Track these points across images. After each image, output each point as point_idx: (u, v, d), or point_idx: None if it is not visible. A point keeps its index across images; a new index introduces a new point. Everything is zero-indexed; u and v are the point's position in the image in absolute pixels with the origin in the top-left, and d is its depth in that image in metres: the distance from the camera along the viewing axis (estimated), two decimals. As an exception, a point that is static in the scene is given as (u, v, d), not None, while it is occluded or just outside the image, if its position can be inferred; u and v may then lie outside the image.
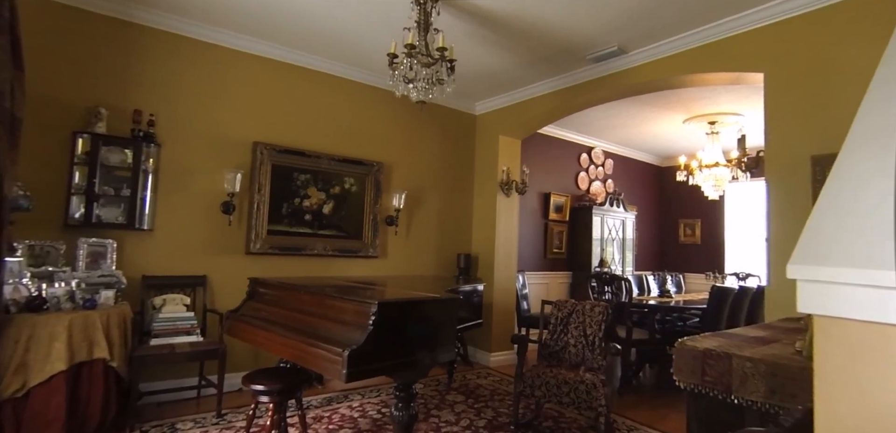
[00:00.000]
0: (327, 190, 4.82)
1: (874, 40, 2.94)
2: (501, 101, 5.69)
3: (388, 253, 5.28)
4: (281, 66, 4.57)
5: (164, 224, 3.92)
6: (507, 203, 5.81)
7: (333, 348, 2.31)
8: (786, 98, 3.32)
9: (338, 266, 4.87)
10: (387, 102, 5.29)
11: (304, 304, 2.86)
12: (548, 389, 3.37)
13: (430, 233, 5.65)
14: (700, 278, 7.75)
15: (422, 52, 3.21)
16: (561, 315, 3.97)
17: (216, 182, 4.16)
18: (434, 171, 5.71)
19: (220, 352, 3.51)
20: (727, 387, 1.50)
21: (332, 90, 4.90)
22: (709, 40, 3.76)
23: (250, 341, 2.98)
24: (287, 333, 2.66)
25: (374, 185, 5.11)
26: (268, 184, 4.44)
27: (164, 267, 3.89)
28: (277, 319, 2.91)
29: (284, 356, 2.72)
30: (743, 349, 1.55)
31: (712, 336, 1.79)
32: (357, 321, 2.45)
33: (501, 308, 5.68)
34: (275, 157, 4.48)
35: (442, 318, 2.73)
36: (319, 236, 4.75)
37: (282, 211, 4.53)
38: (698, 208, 8.32)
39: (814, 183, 3.14)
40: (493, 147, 5.83)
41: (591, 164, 7.71)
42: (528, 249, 6.74)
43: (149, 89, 3.89)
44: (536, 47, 4.28)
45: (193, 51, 4.11)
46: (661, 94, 5.37)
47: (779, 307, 3.21)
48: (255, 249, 4.34)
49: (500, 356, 5.61)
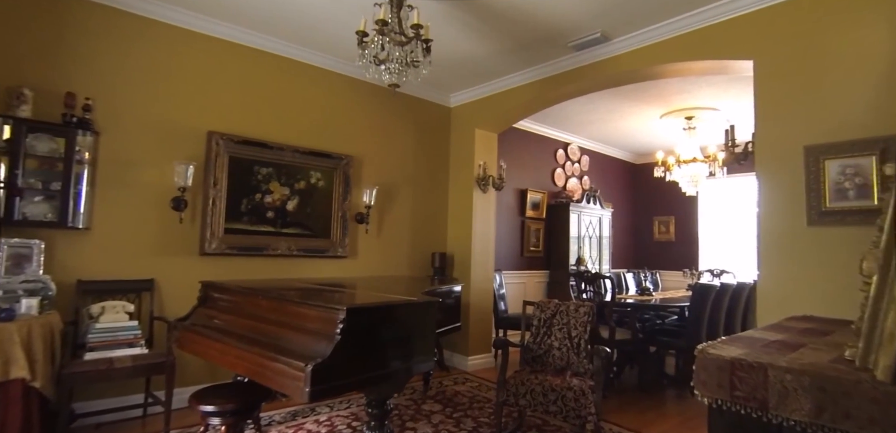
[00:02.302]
0: (292, 185, 4.44)
1: (868, 25, 2.83)
2: (478, 92, 5.43)
3: (358, 252, 4.94)
4: (240, 49, 4.18)
5: (103, 222, 3.48)
6: (483, 199, 5.57)
7: (295, 362, 1.99)
8: (776, 86, 3.18)
9: (304, 267, 4.50)
10: (356, 92, 4.96)
11: (263, 311, 2.52)
12: (533, 397, 3.12)
13: (403, 231, 5.34)
14: (675, 275, 7.72)
15: (394, 30, 2.91)
16: (544, 316, 3.74)
17: (165, 175, 3.74)
18: (407, 165, 5.40)
19: (168, 365, 3.12)
20: (763, 403, 1.27)
21: (296, 77, 4.54)
22: (696, 27, 3.60)
23: (201, 354, 2.61)
24: (243, 345, 2.31)
25: (343, 180, 4.77)
26: (225, 178, 4.04)
27: (103, 270, 3.45)
28: (233, 329, 2.56)
29: (239, 371, 2.37)
30: (776, 358, 1.33)
31: (732, 341, 1.57)
32: (323, 330, 2.13)
33: (479, 309, 5.43)
34: (232, 148, 4.09)
35: (419, 324, 2.44)
36: (283, 235, 4.38)
37: (241, 207, 4.14)
38: (672, 205, 8.30)
39: (807, 174, 3.01)
40: (468, 141, 5.57)
41: (568, 161, 7.56)
42: (504, 248, 6.52)
43: (84, 69, 3.44)
44: (516, 32, 4.04)
45: (138, 28, 3.67)
46: (641, 86, 5.23)
47: (774, 305, 3.06)
48: (211, 250, 3.94)
49: (477, 360, 5.36)
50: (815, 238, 2.96)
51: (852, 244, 2.82)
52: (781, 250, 3.10)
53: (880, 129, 2.75)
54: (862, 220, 2.80)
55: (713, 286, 4.81)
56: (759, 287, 3.19)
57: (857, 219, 2.81)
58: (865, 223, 2.78)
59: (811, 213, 2.99)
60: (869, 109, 2.80)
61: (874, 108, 2.78)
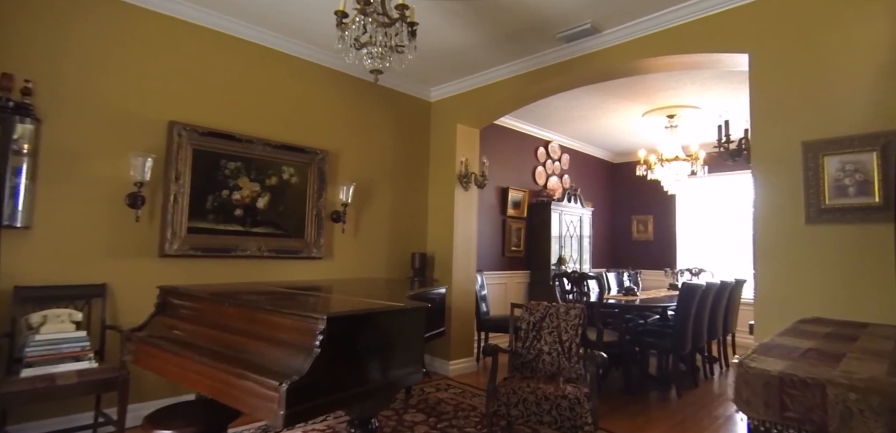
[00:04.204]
0: (262, 181, 4.13)
1: (868, 18, 2.75)
2: (460, 86, 5.22)
3: (334, 253, 4.66)
4: (205, 32, 3.84)
5: (46, 220, 3.10)
6: (465, 197, 5.36)
7: (266, 380, 1.72)
8: (773, 80, 3.08)
9: (275, 269, 4.19)
10: (332, 82, 4.67)
11: (229, 320, 2.23)
12: (526, 407, 2.93)
13: (381, 230, 5.08)
14: (655, 275, 7.71)
15: (377, 11, 2.66)
16: (533, 319, 3.56)
17: (119, 169, 3.38)
18: (386, 161, 5.14)
19: (121, 380, 2.78)
20: (821, 426, 1.10)
21: (268, 65, 4.22)
22: (690, 18, 3.48)
23: (158, 371, 2.31)
24: (206, 360, 2.03)
25: (318, 176, 4.48)
26: (188, 172, 3.70)
27: (46, 275, 3.08)
28: (195, 340, 2.26)
29: (201, 390, 2.08)
30: (831, 373, 1.16)
31: (765, 351, 1.40)
32: (299, 341, 1.88)
33: (461, 311, 5.21)
34: (197, 140, 3.75)
35: (407, 332, 2.21)
36: (253, 235, 4.06)
37: (206, 205, 3.81)
38: (651, 204, 8.30)
39: (805, 170, 2.92)
40: (450, 136, 5.35)
41: (548, 159, 7.44)
42: (485, 248, 6.33)
43: (23, 47, 3.06)
44: (503, 21, 3.85)
45: (88, 3, 3.30)
46: (626, 82, 5.13)
47: (773, 306, 2.96)
48: (172, 251, 3.59)
49: (459, 364, 5.15)
50: (813, 236, 2.87)
51: (853, 242, 2.74)
52: (779, 249, 2.99)
53: (881, 125, 2.67)
54: (863, 218, 2.71)
55: (700, 286, 4.74)
56: (757, 288, 3.08)
57: (858, 217, 2.73)
58: (867, 221, 2.70)
59: (810, 211, 2.89)
60: (870, 104, 2.72)
61: (875, 103, 2.70)
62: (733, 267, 6.96)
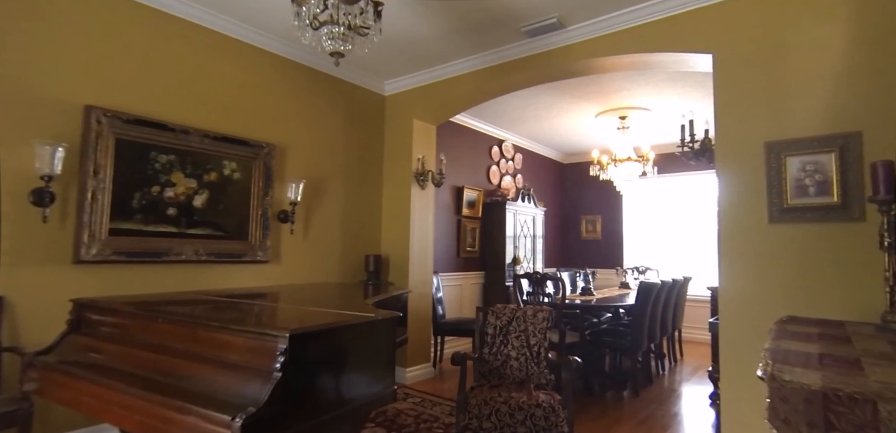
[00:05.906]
0: (200, 176, 3.68)
1: (830, 21, 2.82)
2: (416, 79, 4.99)
3: (281, 256, 4.27)
4: (133, 5, 3.36)
5: (-77, 221, 2.55)
6: (422, 196, 5.14)
7: (215, 415, 1.43)
8: (737, 81, 3.11)
9: (215, 275, 3.76)
10: (280, 71, 4.28)
11: (164, 339, 1.88)
12: (499, 418, 2.76)
13: (333, 231, 4.75)
14: (605, 273, 7.84)
15: (340, -14, 2.39)
16: (499, 323, 3.40)
17: (21, 159, 2.85)
18: (338, 157, 4.81)
19: (21, 414, 2.31)
20: (874, 447, 0.98)
21: (208, 48, 3.78)
22: (655, 17, 3.46)
23: (70, 403, 1.90)
24: (135, 390, 1.67)
25: (264, 172, 4.08)
26: (110, 165, 3.21)
27: (-77, 287, 2.52)
28: (120, 365, 1.89)
29: (130, 428, 1.72)
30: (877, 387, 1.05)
31: (781, 357, 1.29)
32: (255, 364, 1.58)
33: (417, 316, 4.98)
34: (121, 128, 3.26)
35: (378, 346, 1.97)
36: (189, 236, 3.61)
37: (132, 203, 3.33)
38: (599, 204, 8.47)
39: (768, 170, 2.96)
40: (406, 132, 5.10)
41: (502, 158, 7.37)
42: (441, 248, 6.13)
43: None
44: (465, 10, 3.66)
45: (-20, -37, 2.76)
46: (581, 82, 5.13)
47: (738, 306, 2.98)
48: (90, 256, 3.10)
49: (416, 371, 4.92)
50: (776, 235, 2.91)
51: (813, 241, 2.80)
52: (743, 249, 3.02)
53: (840, 126, 2.74)
54: (822, 217, 2.78)
55: (655, 284, 4.81)
56: (721, 288, 3.09)
57: (818, 216, 2.79)
58: (826, 220, 2.77)
59: (772, 211, 2.94)
60: (829, 106, 2.79)
61: (834, 105, 2.77)
62: (678, 265, 7.21)
